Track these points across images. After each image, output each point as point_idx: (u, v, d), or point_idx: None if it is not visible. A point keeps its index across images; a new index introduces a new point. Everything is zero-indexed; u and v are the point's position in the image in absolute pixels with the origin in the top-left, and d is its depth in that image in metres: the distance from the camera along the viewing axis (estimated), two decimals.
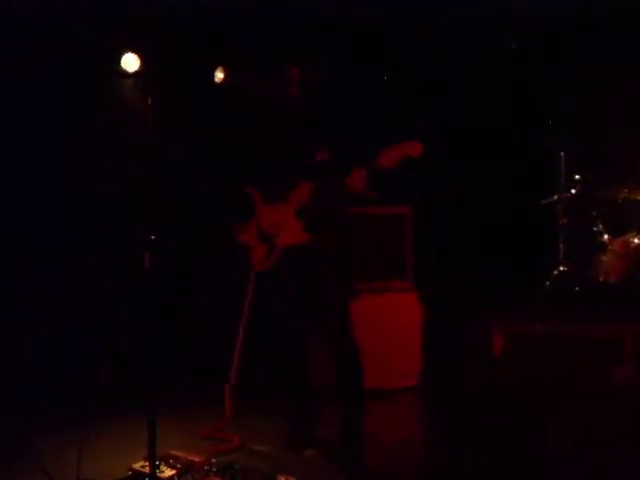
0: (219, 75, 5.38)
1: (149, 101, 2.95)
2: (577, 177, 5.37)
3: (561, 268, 5.42)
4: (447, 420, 3.98)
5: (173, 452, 3.08)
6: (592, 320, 4.93)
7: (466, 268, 5.73)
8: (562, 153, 5.44)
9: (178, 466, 2.96)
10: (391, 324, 4.48)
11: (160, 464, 2.90)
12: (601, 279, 5.27)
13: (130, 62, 5.12)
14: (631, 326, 4.77)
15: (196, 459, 3.05)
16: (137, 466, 2.94)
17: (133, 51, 5.08)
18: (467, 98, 5.86)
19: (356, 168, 3.05)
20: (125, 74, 5.09)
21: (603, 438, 3.53)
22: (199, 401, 4.13)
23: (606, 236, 5.30)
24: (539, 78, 5.83)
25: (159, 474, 2.83)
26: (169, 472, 2.90)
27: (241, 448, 3.38)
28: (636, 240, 5.20)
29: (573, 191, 5.39)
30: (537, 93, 5.87)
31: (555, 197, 5.47)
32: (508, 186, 5.82)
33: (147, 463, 2.73)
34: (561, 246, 5.47)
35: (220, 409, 3.80)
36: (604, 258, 5.27)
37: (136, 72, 5.08)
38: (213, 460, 3.05)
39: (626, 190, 5.22)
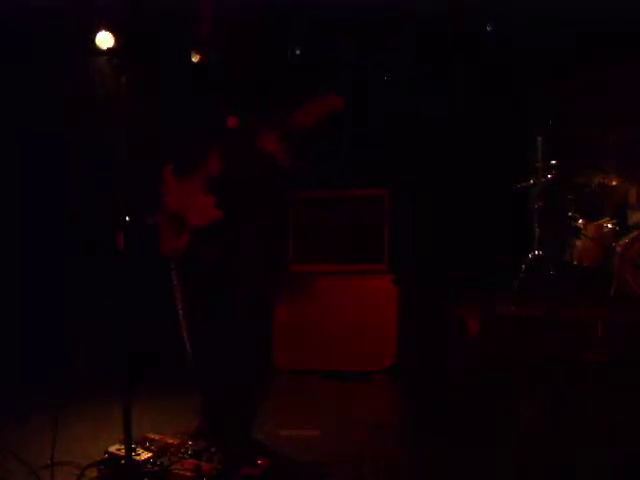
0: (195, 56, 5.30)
1: (123, 79, 2.87)
2: (553, 162, 5.41)
3: (536, 252, 5.48)
4: (420, 403, 4.00)
5: (150, 435, 3.05)
6: (565, 303, 5.00)
7: (443, 251, 5.76)
8: (539, 138, 5.47)
9: (154, 449, 2.94)
10: (366, 306, 4.50)
11: (136, 447, 2.88)
12: (575, 263, 5.33)
13: (104, 40, 5.03)
14: (602, 309, 4.85)
15: (172, 442, 3.03)
16: (113, 449, 2.91)
17: (107, 29, 4.99)
18: (443, 81, 5.86)
19: (267, 130, 2.77)
20: (99, 52, 5.00)
21: (574, 418, 3.59)
22: (177, 384, 4.10)
23: (580, 221, 5.36)
24: (517, 62, 5.84)
25: (135, 457, 2.80)
26: (145, 455, 2.87)
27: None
28: (609, 225, 5.27)
29: (549, 176, 5.44)
30: (515, 78, 5.89)
31: (531, 181, 5.51)
32: (485, 169, 5.84)
33: (123, 446, 2.71)
34: (536, 230, 5.52)
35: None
36: (578, 242, 5.33)
37: (110, 49, 4.98)
38: (189, 443, 3.03)
39: (601, 175, 5.29)
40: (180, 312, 3.12)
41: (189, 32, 2.99)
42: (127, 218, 2.77)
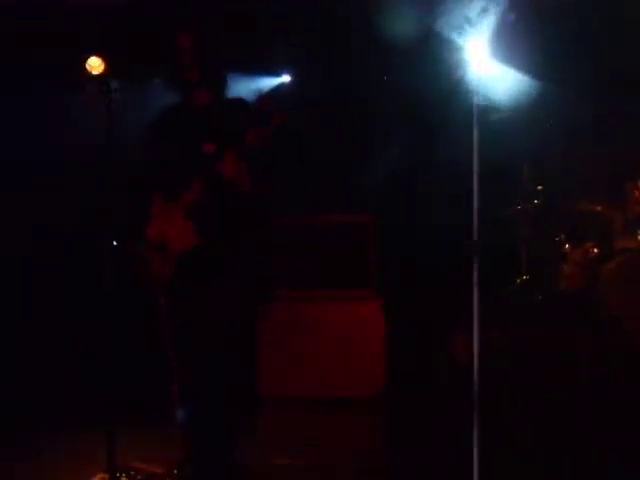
0: None
1: (112, 105, 2.90)
2: (539, 188, 5.46)
3: (523, 277, 5.50)
4: (407, 429, 3.98)
5: (134, 464, 3.04)
6: (553, 327, 5.01)
7: (430, 276, 5.76)
8: (525, 164, 5.52)
9: (139, 478, 2.92)
10: (353, 332, 4.49)
11: (120, 476, 2.86)
12: (562, 288, 5.36)
13: (95, 65, 5.05)
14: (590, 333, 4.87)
15: (158, 470, 3.01)
16: (97, 479, 2.89)
17: (97, 54, 5.01)
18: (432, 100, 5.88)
19: (227, 154, 2.88)
20: (90, 77, 5.02)
21: (563, 439, 3.59)
22: (163, 413, 4.07)
23: (567, 246, 5.40)
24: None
25: None
26: None
27: None
28: (595, 250, 5.32)
29: (536, 201, 5.48)
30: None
31: (518, 207, 5.55)
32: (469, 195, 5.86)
33: (107, 475, 2.70)
34: (523, 255, 5.55)
35: None
36: (565, 267, 5.37)
37: (100, 75, 5.00)
38: (175, 471, 3.01)
39: (587, 201, 5.35)
40: (165, 338, 3.11)
41: (172, 61, 3.04)
42: (114, 243, 2.79)
